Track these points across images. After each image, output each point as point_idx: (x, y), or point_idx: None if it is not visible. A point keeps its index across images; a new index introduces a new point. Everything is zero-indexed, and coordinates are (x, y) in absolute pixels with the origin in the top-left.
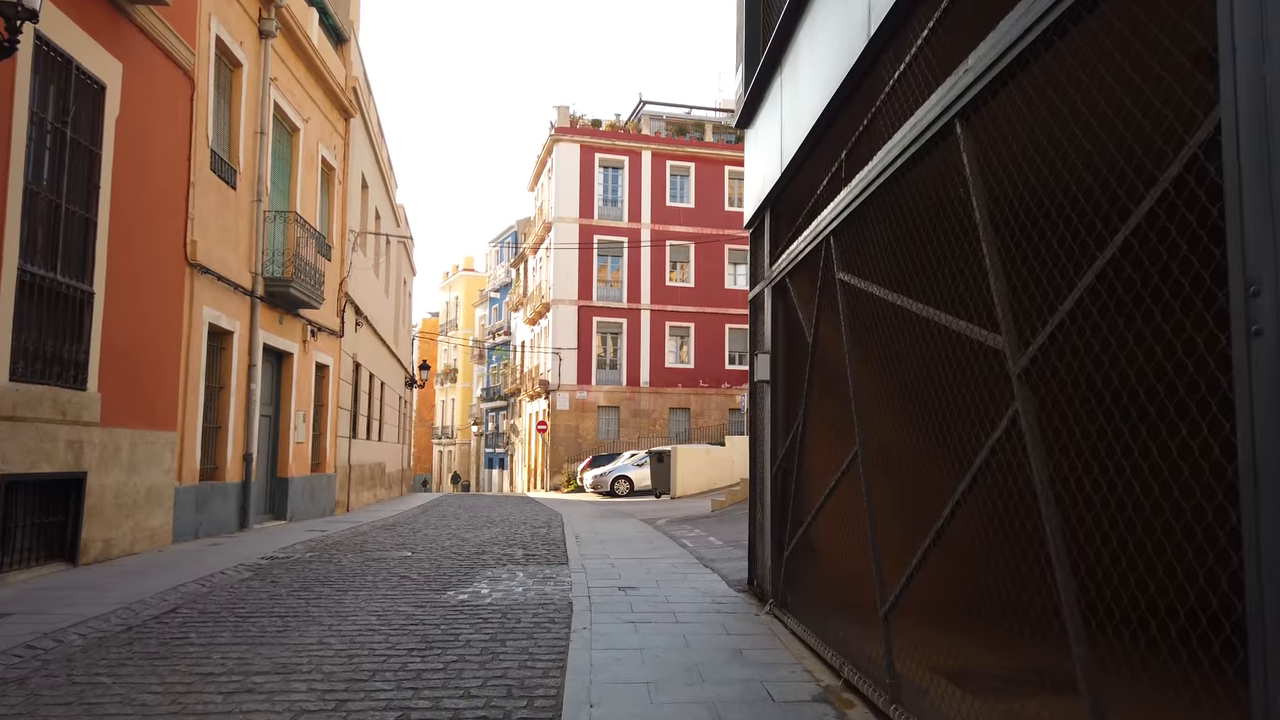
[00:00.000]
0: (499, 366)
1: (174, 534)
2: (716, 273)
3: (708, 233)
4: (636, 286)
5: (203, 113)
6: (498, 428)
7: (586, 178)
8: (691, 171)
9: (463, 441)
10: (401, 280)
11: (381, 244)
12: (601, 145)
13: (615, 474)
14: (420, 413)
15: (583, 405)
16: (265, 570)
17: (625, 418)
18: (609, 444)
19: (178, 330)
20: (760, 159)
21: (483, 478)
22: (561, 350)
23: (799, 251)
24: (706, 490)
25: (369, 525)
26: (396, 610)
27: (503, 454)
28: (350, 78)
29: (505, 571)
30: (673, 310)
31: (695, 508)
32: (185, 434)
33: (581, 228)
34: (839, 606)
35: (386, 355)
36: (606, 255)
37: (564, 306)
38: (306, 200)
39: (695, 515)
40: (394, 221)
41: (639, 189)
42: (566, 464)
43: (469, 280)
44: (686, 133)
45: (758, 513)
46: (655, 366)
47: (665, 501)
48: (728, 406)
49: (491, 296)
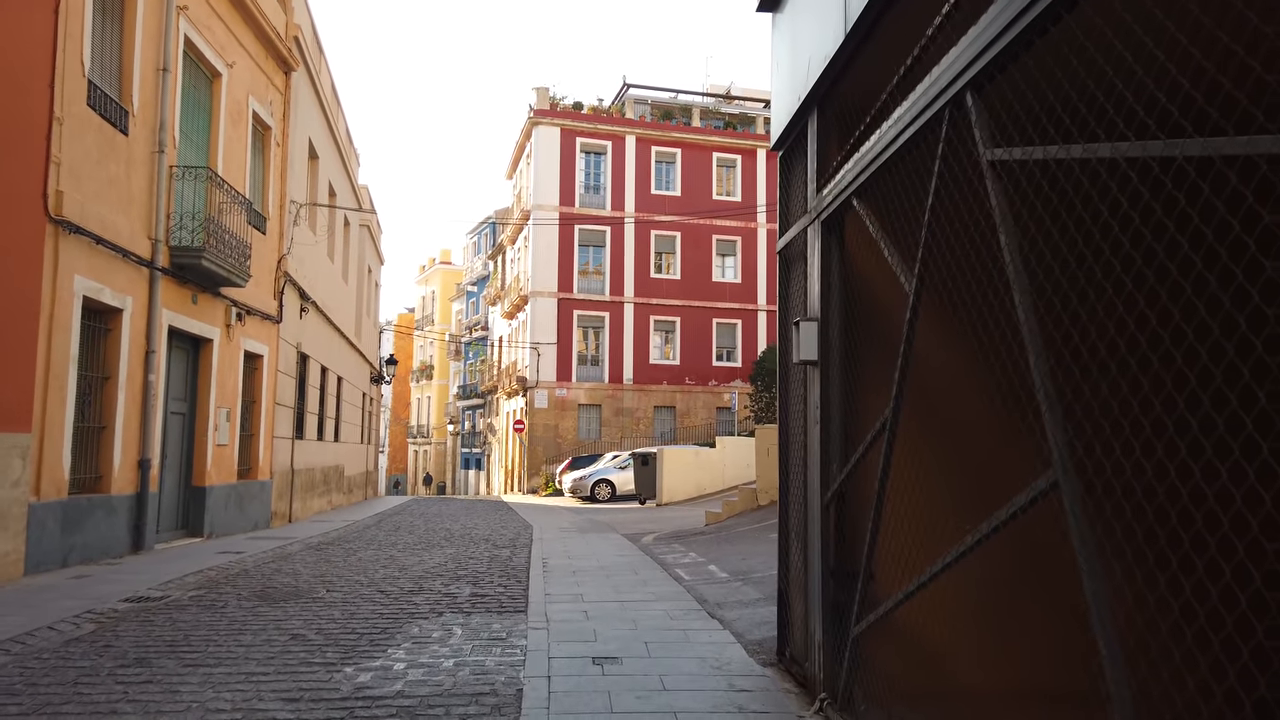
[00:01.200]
0: (476, 363)
1: (27, 563)
2: (704, 264)
3: (695, 223)
4: (620, 278)
5: (75, 30)
6: (474, 427)
7: (567, 163)
8: (678, 158)
9: (438, 441)
10: (366, 268)
11: (338, 224)
12: (583, 129)
13: (596, 477)
14: (396, 411)
15: (562, 403)
16: (112, 624)
17: (607, 417)
18: (590, 444)
19: (33, 304)
20: (801, 40)
21: (458, 479)
22: (540, 345)
23: (885, 145)
24: (696, 497)
25: (300, 544)
26: (254, 709)
27: (479, 454)
28: (292, 24)
29: (439, 625)
30: (657, 304)
31: (686, 519)
32: (45, 436)
33: (562, 216)
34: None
35: (345, 348)
36: (588, 245)
37: (543, 299)
38: (232, 160)
39: (687, 530)
40: (354, 201)
41: (622, 176)
42: (545, 465)
43: (445, 273)
44: (673, 117)
45: (792, 552)
46: (639, 363)
47: (650, 509)
48: (715, 405)
49: (468, 290)
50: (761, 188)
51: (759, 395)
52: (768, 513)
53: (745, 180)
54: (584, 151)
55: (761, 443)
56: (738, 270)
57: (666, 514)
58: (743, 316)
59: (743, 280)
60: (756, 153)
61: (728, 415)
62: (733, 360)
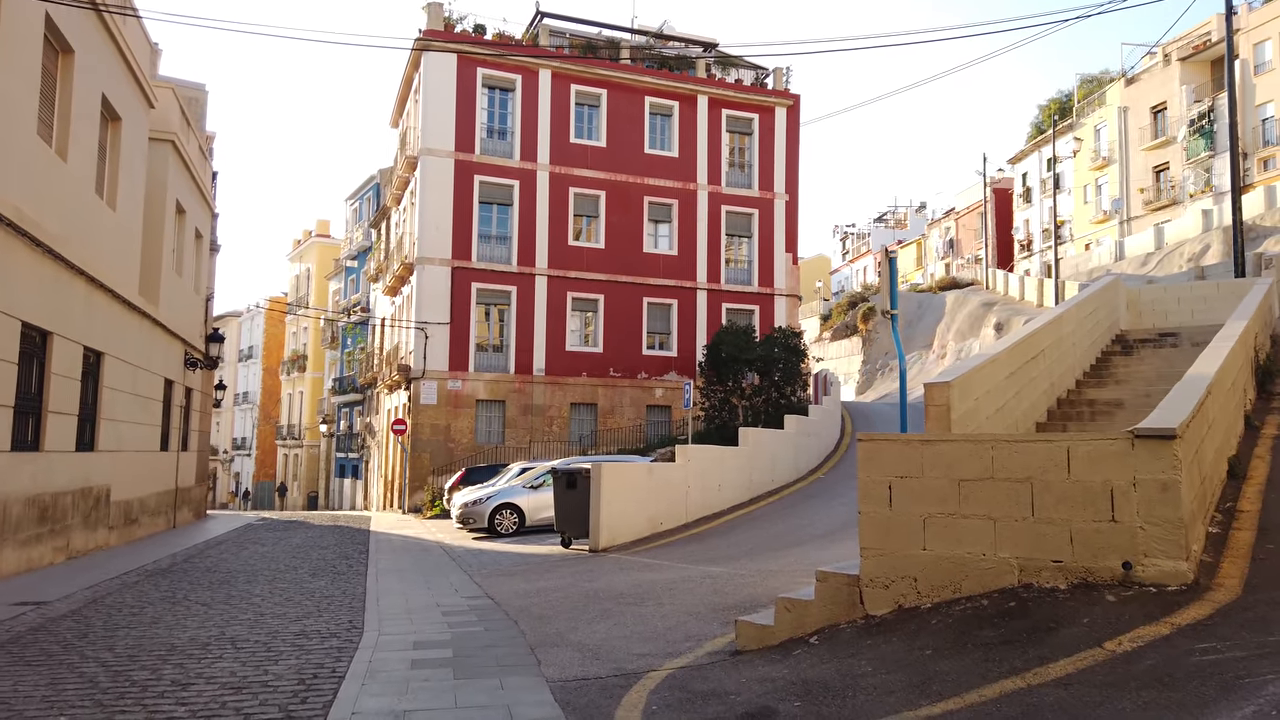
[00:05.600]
0: (354, 351)
1: None
2: (633, 232)
3: (623, 180)
4: (530, 245)
5: None
6: (352, 427)
7: (465, 100)
8: (603, 101)
9: (311, 444)
10: (173, 206)
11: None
12: (487, 58)
13: (497, 500)
14: (266, 409)
15: (456, 399)
16: None
17: (513, 416)
18: (490, 451)
19: None
20: None
21: (333, 489)
22: (429, 326)
23: None
24: (648, 536)
25: None
26: None
27: (357, 460)
28: None
29: None
30: (577, 277)
31: (673, 614)
32: None
33: (459, 165)
34: None
35: (113, 309)
36: (491, 203)
37: (433, 267)
38: None
39: (711, 689)
40: (141, 100)
41: (535, 119)
42: (432, 477)
43: (322, 248)
44: (597, 52)
45: None
46: (553, 350)
47: (582, 559)
48: (645, 403)
49: (348, 266)
50: (703, 142)
51: (710, 390)
52: (899, 637)
53: (684, 132)
54: (487, 87)
55: (877, 470)
56: (673, 240)
57: (621, 580)
58: (679, 296)
59: (680, 253)
60: (698, 100)
61: (661, 415)
62: (667, 349)
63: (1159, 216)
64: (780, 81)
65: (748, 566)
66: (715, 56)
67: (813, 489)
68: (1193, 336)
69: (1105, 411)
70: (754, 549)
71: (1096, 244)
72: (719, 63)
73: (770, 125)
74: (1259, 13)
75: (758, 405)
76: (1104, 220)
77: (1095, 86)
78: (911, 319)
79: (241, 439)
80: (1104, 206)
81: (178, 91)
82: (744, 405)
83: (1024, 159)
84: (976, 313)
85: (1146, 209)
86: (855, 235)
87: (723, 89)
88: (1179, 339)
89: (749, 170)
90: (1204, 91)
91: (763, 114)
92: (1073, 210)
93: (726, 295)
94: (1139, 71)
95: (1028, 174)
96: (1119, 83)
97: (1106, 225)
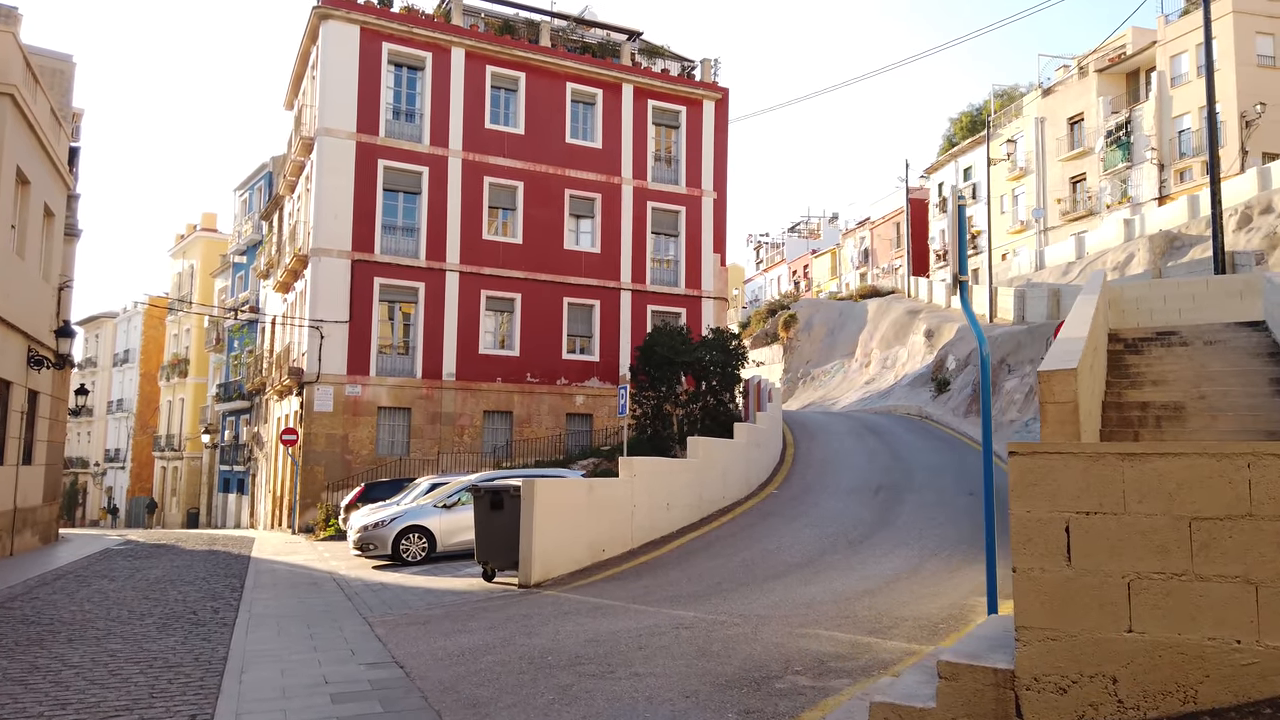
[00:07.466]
0: (241, 354)
1: None
2: (553, 227)
3: (543, 171)
4: (440, 238)
5: None
6: (237, 437)
7: (369, 77)
8: (521, 85)
9: (192, 456)
10: (12, 174)
11: None
12: (394, 32)
13: (404, 523)
14: (143, 418)
15: (355, 405)
16: None
17: (419, 425)
18: (393, 464)
19: None
20: None
21: (216, 505)
22: (325, 324)
23: None
24: (591, 567)
25: None
26: None
27: (243, 474)
28: None
29: None
30: (491, 274)
31: (660, 693)
32: None
33: (360, 148)
34: None
35: None
36: (397, 191)
37: (330, 260)
38: None
39: None
40: None
41: (446, 101)
42: (327, 493)
43: (208, 243)
44: (515, 33)
45: None
46: (465, 353)
47: (513, 598)
48: (565, 411)
49: (236, 262)
50: (628, 134)
51: (642, 397)
52: None
53: (608, 123)
54: (394, 63)
55: (1044, 500)
56: (596, 237)
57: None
58: (602, 297)
59: (603, 250)
60: (622, 89)
61: (582, 424)
62: (589, 353)
63: (1076, 227)
64: (709, 74)
65: (725, 610)
66: (641, 45)
67: (768, 506)
68: (1197, 335)
69: (1171, 416)
70: (722, 583)
71: (1014, 254)
72: (644, 52)
73: (698, 119)
74: (1175, 25)
75: (694, 413)
76: (1021, 230)
77: (1007, 100)
78: (833, 327)
79: (115, 450)
80: (1021, 217)
81: (26, 49)
82: (679, 413)
83: (940, 169)
84: (902, 320)
85: (1064, 219)
86: (769, 245)
87: (649, 78)
88: (1184, 337)
89: (676, 166)
90: (1121, 103)
91: (690, 106)
92: (989, 220)
93: (652, 297)
94: (1055, 83)
95: (943, 184)
96: (1036, 93)
97: (1024, 235)
